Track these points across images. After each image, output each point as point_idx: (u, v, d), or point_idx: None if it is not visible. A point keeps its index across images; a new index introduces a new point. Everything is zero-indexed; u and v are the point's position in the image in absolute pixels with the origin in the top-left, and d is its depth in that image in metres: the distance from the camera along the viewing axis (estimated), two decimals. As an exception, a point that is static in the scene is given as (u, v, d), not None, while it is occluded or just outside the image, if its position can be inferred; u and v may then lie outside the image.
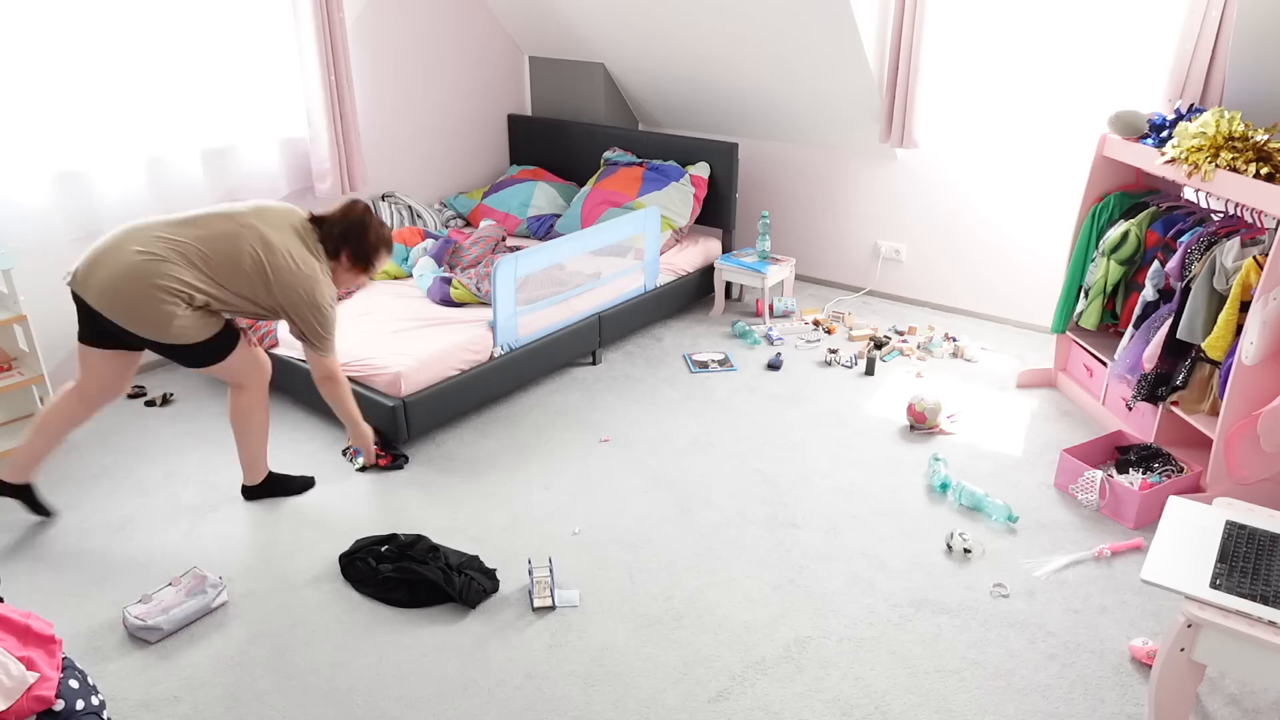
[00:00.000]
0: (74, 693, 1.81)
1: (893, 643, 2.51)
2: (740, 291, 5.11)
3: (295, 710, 2.29)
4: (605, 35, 4.98)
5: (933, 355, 4.36)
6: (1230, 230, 3.09)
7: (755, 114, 5.03)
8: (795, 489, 3.24)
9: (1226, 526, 2.12)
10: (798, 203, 5.22)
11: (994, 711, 2.28)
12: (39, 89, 3.49)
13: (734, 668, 2.42)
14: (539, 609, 2.64)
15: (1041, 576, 2.78)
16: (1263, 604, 1.87)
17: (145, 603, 2.56)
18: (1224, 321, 2.90)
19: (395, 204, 4.84)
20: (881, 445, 3.54)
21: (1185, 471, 3.12)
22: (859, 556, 2.87)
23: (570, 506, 3.14)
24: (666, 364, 4.25)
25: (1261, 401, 2.87)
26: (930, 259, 4.87)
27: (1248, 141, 2.92)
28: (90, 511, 3.10)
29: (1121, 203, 3.58)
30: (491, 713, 2.28)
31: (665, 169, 4.79)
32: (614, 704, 2.30)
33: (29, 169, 3.51)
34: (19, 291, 3.32)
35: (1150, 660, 2.41)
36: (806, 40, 4.31)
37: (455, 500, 3.17)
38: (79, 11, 3.51)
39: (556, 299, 3.96)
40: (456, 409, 3.58)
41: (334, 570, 2.80)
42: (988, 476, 3.32)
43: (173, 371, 4.12)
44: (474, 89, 5.29)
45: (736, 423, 3.71)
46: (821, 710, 2.29)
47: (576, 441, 3.56)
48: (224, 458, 3.42)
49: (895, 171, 4.81)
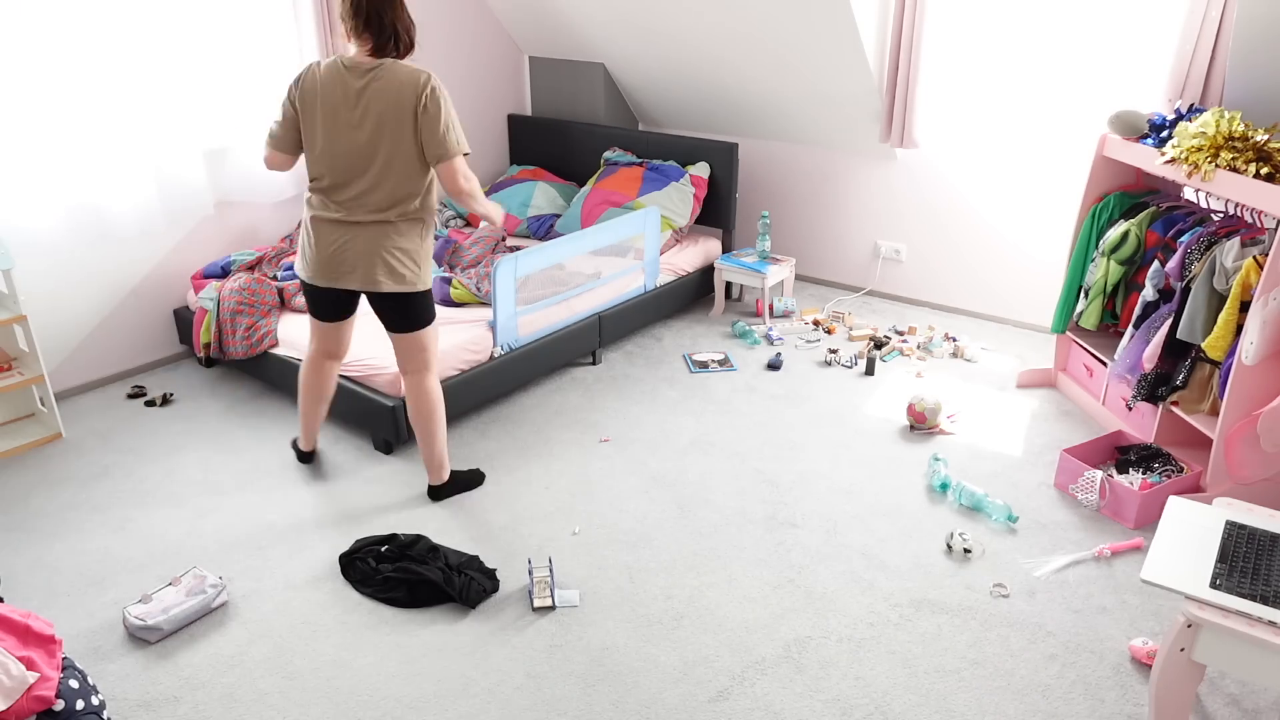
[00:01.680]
0: (74, 693, 1.81)
1: (893, 642, 2.51)
2: (740, 291, 5.11)
3: (295, 710, 2.29)
4: (605, 35, 4.98)
5: (933, 355, 4.36)
6: (1230, 230, 3.09)
7: (755, 114, 5.03)
8: (795, 489, 3.24)
9: (1226, 526, 2.12)
10: (798, 203, 5.22)
11: (994, 711, 2.28)
12: (38, 89, 3.49)
13: (734, 668, 2.42)
14: (539, 609, 2.64)
15: (1041, 576, 2.78)
16: (1263, 604, 1.87)
17: (145, 603, 2.56)
18: (1224, 321, 2.90)
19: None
20: (881, 445, 3.54)
21: (1185, 471, 3.12)
22: (859, 556, 2.87)
23: (570, 506, 3.14)
24: (666, 364, 4.25)
25: (1261, 401, 2.87)
26: (930, 259, 4.87)
27: (1248, 141, 2.92)
28: (90, 511, 3.10)
29: (1121, 203, 3.58)
30: (491, 713, 2.28)
31: (665, 169, 4.79)
32: (614, 704, 2.30)
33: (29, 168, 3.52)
34: (19, 291, 3.32)
35: (1150, 660, 2.41)
36: (806, 40, 4.31)
37: (455, 500, 3.17)
38: (81, 9, 3.51)
39: (556, 299, 3.96)
40: (456, 409, 3.57)
41: (334, 570, 2.80)
42: (988, 476, 3.33)
43: (173, 371, 4.13)
44: (474, 89, 5.29)
45: (736, 423, 3.71)
46: (821, 710, 2.29)
47: (576, 441, 3.56)
48: (224, 457, 3.42)
49: (895, 171, 4.81)
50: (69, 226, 3.70)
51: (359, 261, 2.76)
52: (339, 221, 2.74)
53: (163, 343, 4.18)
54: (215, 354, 3.90)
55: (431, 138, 2.63)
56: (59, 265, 3.71)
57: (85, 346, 3.90)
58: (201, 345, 3.89)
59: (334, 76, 2.66)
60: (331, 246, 2.76)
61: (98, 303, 3.89)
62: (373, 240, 2.74)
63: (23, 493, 3.21)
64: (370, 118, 2.64)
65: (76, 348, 3.88)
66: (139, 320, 4.06)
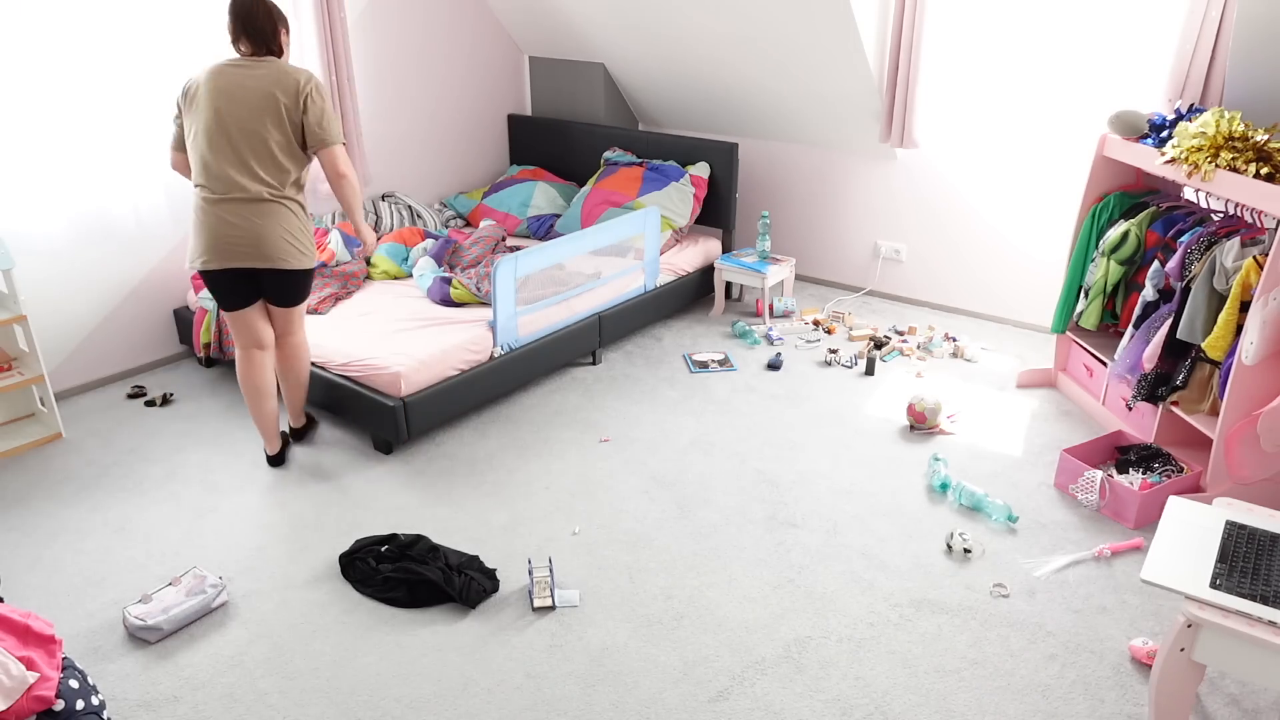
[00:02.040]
0: (74, 693, 1.81)
1: (893, 643, 2.51)
2: (740, 291, 5.11)
3: (295, 710, 2.29)
4: (605, 35, 4.98)
5: (933, 355, 4.36)
6: (1230, 230, 3.09)
7: (755, 114, 5.03)
8: (795, 489, 3.24)
9: (1226, 526, 2.12)
10: (798, 203, 5.22)
11: (994, 711, 2.28)
12: (39, 90, 3.49)
13: (734, 668, 2.42)
14: (539, 609, 2.64)
15: (1041, 576, 2.78)
16: (1263, 604, 1.87)
17: (145, 603, 2.56)
18: (1224, 321, 2.90)
19: (395, 204, 4.84)
20: (881, 445, 3.54)
21: (1185, 471, 3.12)
22: (859, 556, 2.87)
23: (570, 506, 3.14)
24: (666, 364, 4.25)
25: (1261, 401, 2.87)
26: (930, 259, 4.87)
27: (1248, 141, 2.92)
28: (90, 511, 3.10)
29: (1121, 203, 3.58)
30: (491, 713, 2.28)
31: (665, 169, 4.79)
32: (614, 704, 2.30)
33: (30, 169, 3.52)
34: (19, 292, 3.32)
35: (1150, 660, 2.41)
36: (807, 40, 4.31)
37: (455, 500, 3.17)
38: (81, 11, 3.51)
39: (556, 299, 3.96)
40: (456, 409, 3.58)
41: (334, 570, 2.80)
42: (988, 476, 3.33)
43: (173, 371, 4.13)
44: (474, 89, 5.29)
45: (736, 423, 3.71)
46: (821, 710, 2.29)
47: (576, 441, 3.56)
48: (224, 457, 3.42)
49: (895, 171, 4.81)
50: (70, 227, 3.70)
51: (247, 241, 2.95)
52: (221, 199, 2.92)
53: (163, 343, 4.18)
54: (215, 354, 3.90)
55: (314, 127, 2.92)
56: (59, 265, 3.71)
57: (85, 346, 3.90)
58: (201, 345, 3.89)
59: (219, 71, 2.91)
60: (221, 229, 2.93)
61: (98, 303, 3.89)
62: (261, 221, 2.94)
63: (23, 493, 3.21)
64: (252, 106, 2.87)
65: (76, 348, 3.88)
66: (139, 320, 4.06)
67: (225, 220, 2.91)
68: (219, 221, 2.91)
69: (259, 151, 2.89)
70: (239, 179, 2.89)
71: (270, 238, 2.94)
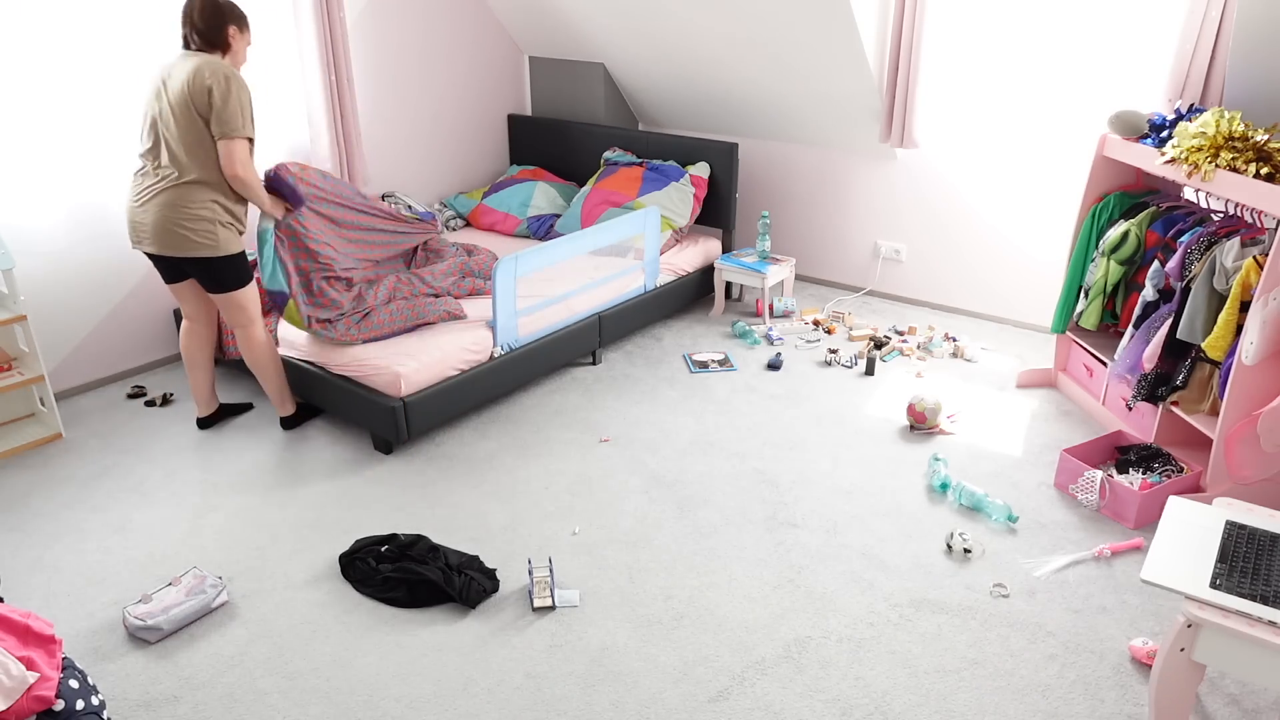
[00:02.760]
0: (74, 693, 1.81)
1: (893, 643, 2.51)
2: (740, 291, 5.11)
3: (295, 710, 2.29)
4: (605, 35, 4.98)
5: (933, 355, 4.36)
6: (1230, 230, 3.09)
7: (755, 114, 5.03)
8: (795, 489, 3.24)
9: (1226, 526, 2.12)
10: (798, 203, 5.22)
11: (994, 711, 2.28)
12: (39, 89, 3.49)
13: (734, 668, 2.42)
14: (539, 609, 2.64)
15: (1041, 576, 2.78)
16: (1263, 604, 1.87)
17: (145, 603, 2.56)
18: (1224, 321, 2.90)
19: (395, 204, 4.83)
20: (881, 445, 3.54)
21: (1185, 471, 3.12)
22: (859, 556, 2.87)
23: (570, 507, 3.14)
24: (666, 364, 4.25)
25: (1261, 401, 2.87)
26: (930, 259, 4.87)
27: (1248, 141, 2.92)
28: (90, 511, 3.10)
29: (1121, 203, 3.58)
30: (491, 713, 2.28)
31: (665, 169, 4.79)
32: (614, 704, 2.30)
33: (29, 168, 3.52)
34: (19, 291, 3.32)
35: (1150, 660, 2.41)
36: (807, 40, 4.31)
37: (455, 500, 3.17)
38: (81, 9, 3.51)
39: (556, 299, 3.96)
40: (456, 409, 3.58)
41: (334, 570, 2.80)
42: (988, 476, 3.33)
43: (173, 371, 4.13)
44: (474, 89, 5.29)
45: (736, 423, 3.71)
46: (821, 710, 2.29)
47: (576, 441, 3.56)
48: (223, 457, 3.42)
49: (895, 171, 4.81)
50: (69, 226, 3.70)
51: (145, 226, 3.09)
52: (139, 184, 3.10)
53: (163, 343, 4.18)
54: (215, 354, 3.90)
55: (217, 116, 2.97)
56: (59, 265, 3.71)
57: (85, 346, 3.90)
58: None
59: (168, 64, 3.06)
60: (131, 213, 3.12)
61: (98, 303, 3.89)
62: (159, 209, 3.05)
63: (23, 493, 3.21)
64: (175, 96, 2.98)
65: (76, 348, 3.88)
66: (139, 320, 4.06)
67: (133, 205, 3.12)
68: (132, 204, 3.12)
69: (170, 139, 3.01)
70: (150, 165, 3.07)
71: (162, 225, 3.06)
